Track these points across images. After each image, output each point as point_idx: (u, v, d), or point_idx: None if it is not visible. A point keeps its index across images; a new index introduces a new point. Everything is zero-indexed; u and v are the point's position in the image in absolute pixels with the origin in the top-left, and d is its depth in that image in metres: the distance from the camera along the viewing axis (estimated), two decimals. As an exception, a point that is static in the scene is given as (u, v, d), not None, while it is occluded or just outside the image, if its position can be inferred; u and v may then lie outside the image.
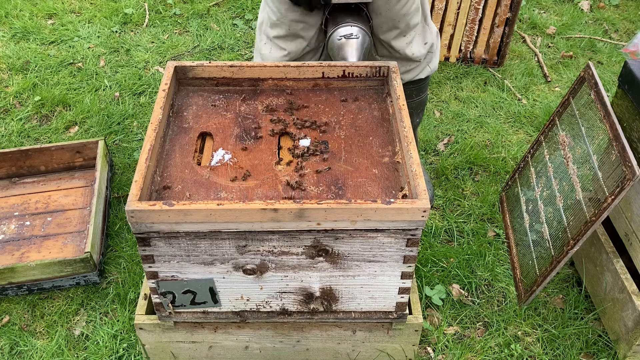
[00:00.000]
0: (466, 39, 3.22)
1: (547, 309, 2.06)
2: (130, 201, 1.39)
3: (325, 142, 1.67)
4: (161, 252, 1.49)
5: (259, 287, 1.60)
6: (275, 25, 2.02)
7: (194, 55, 3.37)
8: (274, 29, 2.03)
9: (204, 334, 1.75)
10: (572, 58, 3.40)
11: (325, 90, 1.85)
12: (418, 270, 2.15)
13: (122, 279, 2.13)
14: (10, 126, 2.81)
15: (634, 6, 3.91)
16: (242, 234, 1.45)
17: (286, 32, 2.01)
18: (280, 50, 2.05)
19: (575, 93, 2.05)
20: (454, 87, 3.14)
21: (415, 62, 2.11)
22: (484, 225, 2.36)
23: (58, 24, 3.58)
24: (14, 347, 1.94)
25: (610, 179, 1.73)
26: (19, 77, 3.14)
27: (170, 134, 1.69)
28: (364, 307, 1.66)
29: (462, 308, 2.07)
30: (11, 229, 2.26)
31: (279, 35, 2.03)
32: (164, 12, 3.74)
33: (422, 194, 1.42)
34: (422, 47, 2.09)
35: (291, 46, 2.04)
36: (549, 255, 1.95)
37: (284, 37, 2.02)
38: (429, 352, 1.94)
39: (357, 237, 1.47)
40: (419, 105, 2.30)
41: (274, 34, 2.04)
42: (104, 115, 2.87)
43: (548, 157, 2.14)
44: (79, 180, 2.47)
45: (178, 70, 1.82)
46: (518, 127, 2.89)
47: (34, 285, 2.05)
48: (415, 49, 2.07)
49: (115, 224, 2.34)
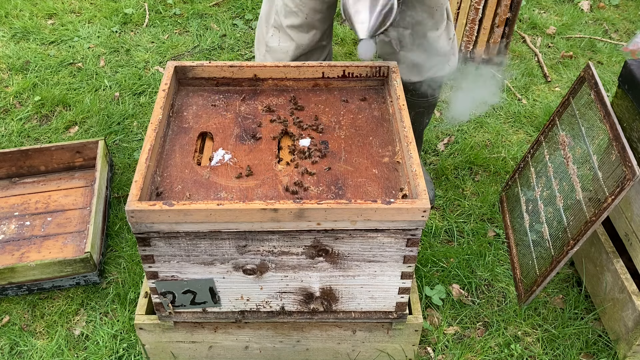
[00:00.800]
0: (466, 39, 3.22)
1: (547, 309, 2.06)
2: (130, 201, 1.39)
3: (325, 142, 1.67)
4: (161, 252, 1.49)
5: (259, 287, 1.60)
6: (291, 13, 1.96)
7: (194, 55, 3.37)
8: (288, 17, 1.97)
9: (204, 334, 1.75)
10: (572, 58, 3.40)
11: (325, 90, 1.85)
12: (418, 270, 2.15)
13: (122, 279, 2.13)
14: (10, 126, 2.81)
15: (634, 6, 3.91)
16: (242, 234, 1.45)
17: (302, 22, 1.96)
18: (290, 41, 2.00)
19: (575, 93, 2.05)
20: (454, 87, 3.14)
21: (440, 58, 2.09)
22: (484, 225, 2.36)
23: (58, 24, 3.58)
24: (14, 347, 1.94)
25: (610, 179, 1.73)
26: (19, 77, 3.14)
27: (170, 134, 1.69)
28: (364, 307, 1.66)
29: (462, 308, 2.07)
30: (11, 229, 2.26)
31: (294, 24, 1.97)
32: (164, 12, 3.74)
33: (422, 194, 1.42)
34: (447, 42, 2.08)
35: (304, 38, 1.99)
36: (549, 255, 1.95)
37: (299, 27, 1.97)
38: (429, 352, 1.94)
39: (357, 237, 1.47)
40: (431, 106, 2.29)
41: (287, 22, 1.98)
42: (104, 115, 2.87)
43: (548, 157, 2.14)
44: (79, 180, 2.47)
45: (178, 70, 1.82)
46: (518, 127, 2.89)
47: (34, 285, 2.05)
48: (443, 43, 2.05)
49: (115, 224, 2.34)
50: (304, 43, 2.00)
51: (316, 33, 1.98)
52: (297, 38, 2.00)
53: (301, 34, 1.99)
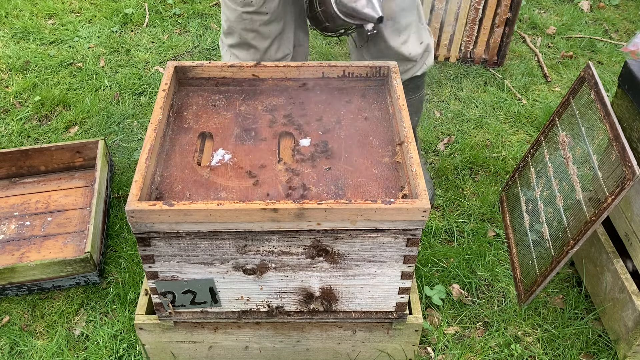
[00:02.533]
0: (466, 39, 3.22)
1: (547, 309, 2.06)
2: (130, 201, 1.39)
3: (325, 142, 1.67)
4: (161, 252, 1.49)
5: (259, 287, 1.60)
6: (228, 33, 2.02)
7: (194, 55, 3.37)
8: (227, 37, 2.03)
9: (204, 334, 1.75)
10: (572, 58, 3.40)
11: (325, 90, 1.85)
12: (418, 270, 2.15)
13: (122, 279, 2.13)
14: (10, 126, 2.81)
15: (634, 6, 3.91)
16: (242, 234, 1.45)
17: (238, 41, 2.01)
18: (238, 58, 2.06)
19: (575, 93, 2.05)
20: (454, 87, 3.13)
21: (412, 62, 2.10)
22: (484, 225, 2.36)
23: (58, 24, 3.58)
24: (14, 347, 1.94)
25: (610, 179, 1.73)
26: (19, 77, 3.14)
27: (170, 134, 1.69)
28: (364, 307, 1.66)
29: (462, 308, 2.07)
30: (11, 229, 2.26)
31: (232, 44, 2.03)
32: (164, 12, 3.74)
33: (422, 194, 1.42)
34: (418, 46, 2.09)
35: (246, 56, 2.04)
36: (549, 255, 1.95)
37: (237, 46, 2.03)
38: (429, 352, 1.94)
39: (357, 237, 1.47)
40: (416, 103, 2.30)
41: (228, 42, 2.04)
42: (104, 115, 2.87)
43: (548, 157, 2.14)
44: (79, 180, 2.47)
45: (178, 70, 1.82)
46: (518, 127, 2.89)
47: (34, 285, 2.05)
48: (411, 48, 2.06)
49: (115, 224, 2.34)
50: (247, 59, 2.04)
51: (255, 52, 2.03)
52: (241, 56, 2.05)
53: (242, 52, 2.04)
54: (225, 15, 1.99)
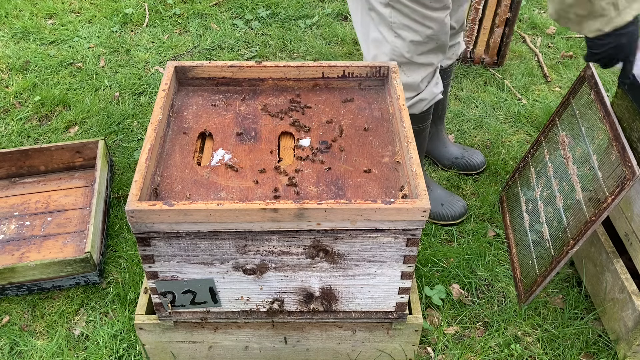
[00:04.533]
0: (466, 39, 3.21)
1: (547, 309, 2.06)
2: (130, 201, 1.39)
3: (325, 142, 1.67)
4: (161, 252, 1.49)
5: (259, 287, 1.60)
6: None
7: (194, 55, 3.37)
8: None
9: (204, 334, 1.75)
10: (572, 58, 3.40)
11: (325, 90, 1.85)
12: (418, 270, 2.15)
13: (122, 279, 2.13)
14: (10, 126, 2.81)
15: (634, 6, 3.91)
16: (242, 234, 1.45)
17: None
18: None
19: (575, 93, 2.05)
20: (454, 87, 3.13)
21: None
22: (484, 225, 2.36)
23: (58, 24, 3.59)
24: (14, 347, 1.94)
25: (610, 179, 1.73)
26: (19, 77, 3.14)
27: (170, 134, 1.69)
28: (364, 307, 1.66)
29: (462, 308, 2.07)
30: (11, 229, 2.26)
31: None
32: (164, 12, 3.74)
33: (422, 194, 1.42)
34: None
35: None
36: (549, 255, 1.95)
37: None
38: (429, 352, 1.94)
39: (357, 237, 1.47)
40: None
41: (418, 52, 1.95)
42: (104, 115, 2.87)
43: (548, 157, 2.14)
44: (79, 180, 2.47)
45: (178, 70, 1.82)
46: (518, 127, 2.89)
47: (34, 285, 2.05)
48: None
49: (115, 224, 2.34)
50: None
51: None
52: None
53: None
54: (426, 28, 1.89)
